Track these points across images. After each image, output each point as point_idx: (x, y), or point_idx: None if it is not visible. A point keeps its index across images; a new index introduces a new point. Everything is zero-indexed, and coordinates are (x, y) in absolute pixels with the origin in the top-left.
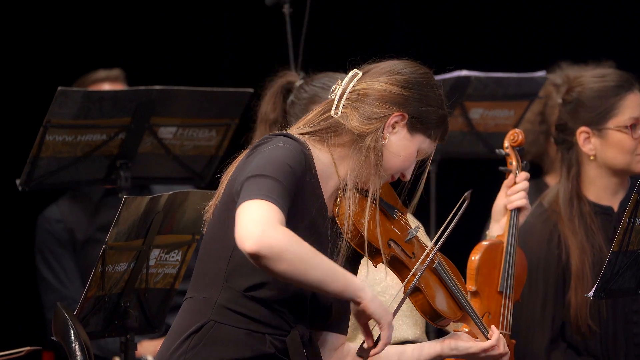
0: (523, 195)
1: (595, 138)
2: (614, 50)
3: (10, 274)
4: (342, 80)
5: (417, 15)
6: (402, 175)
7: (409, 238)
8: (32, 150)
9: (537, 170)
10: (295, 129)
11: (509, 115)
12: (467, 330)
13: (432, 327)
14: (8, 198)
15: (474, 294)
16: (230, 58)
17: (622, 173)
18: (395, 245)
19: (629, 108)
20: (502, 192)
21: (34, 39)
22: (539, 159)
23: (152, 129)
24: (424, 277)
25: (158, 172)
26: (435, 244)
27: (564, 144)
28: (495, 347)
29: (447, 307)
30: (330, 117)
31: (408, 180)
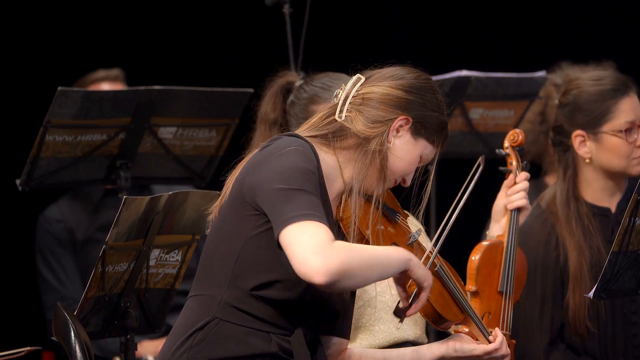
0: (523, 195)
1: (591, 142)
2: (614, 50)
3: (10, 274)
4: (345, 85)
5: (417, 15)
6: (402, 181)
7: (411, 242)
8: (32, 150)
9: (537, 170)
10: (301, 132)
11: (509, 115)
12: (467, 331)
13: (432, 327)
14: (8, 198)
15: (474, 294)
16: (230, 58)
17: (618, 176)
18: None
19: (624, 112)
20: (502, 192)
21: (34, 39)
22: (539, 159)
23: (152, 129)
24: None
25: (158, 172)
26: (451, 216)
27: (560, 146)
28: (499, 349)
29: (449, 310)
30: (335, 120)
31: (408, 186)
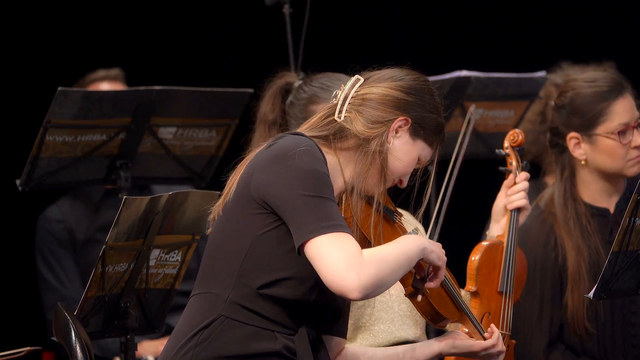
0: (523, 196)
1: (585, 144)
2: (614, 50)
3: (10, 274)
4: (344, 85)
5: (417, 15)
6: (399, 182)
7: None
8: (32, 150)
9: (537, 170)
10: (302, 132)
11: (509, 116)
12: (467, 331)
13: (432, 327)
14: (8, 198)
15: (474, 294)
16: (230, 58)
17: (615, 177)
18: None
19: (618, 114)
20: (502, 192)
21: (34, 39)
22: (539, 159)
23: (152, 129)
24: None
25: (158, 172)
26: (452, 169)
27: (557, 148)
28: (495, 345)
29: (447, 307)
30: (334, 121)
31: (404, 187)
